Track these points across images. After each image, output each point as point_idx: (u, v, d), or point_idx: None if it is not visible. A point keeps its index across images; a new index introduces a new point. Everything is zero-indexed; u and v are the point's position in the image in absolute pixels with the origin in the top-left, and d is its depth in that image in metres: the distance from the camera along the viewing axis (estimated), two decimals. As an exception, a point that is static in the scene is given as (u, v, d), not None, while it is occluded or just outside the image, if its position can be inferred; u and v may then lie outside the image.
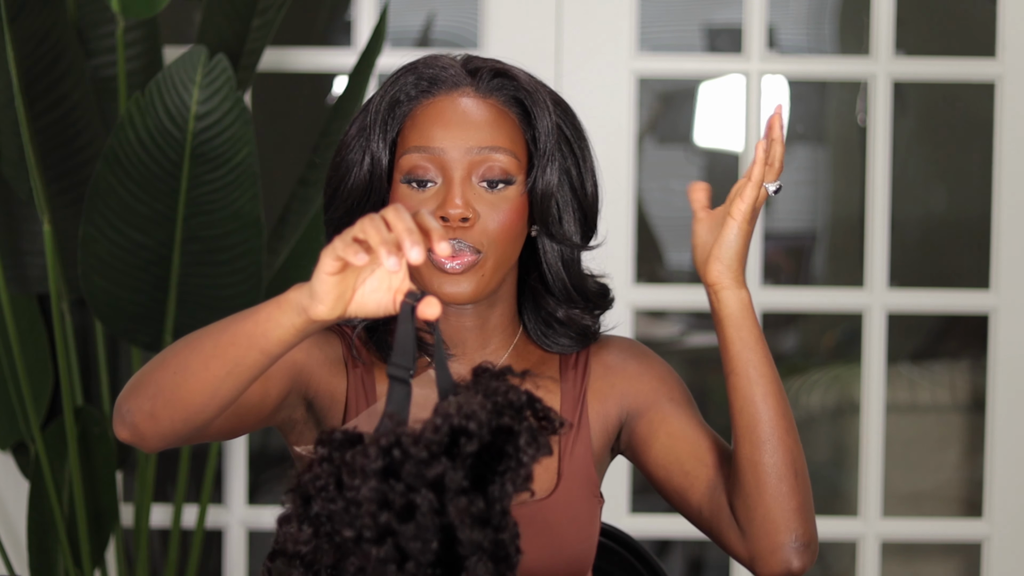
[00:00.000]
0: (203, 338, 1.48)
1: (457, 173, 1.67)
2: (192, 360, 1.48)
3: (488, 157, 1.68)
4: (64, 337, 2.73)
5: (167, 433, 1.51)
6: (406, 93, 1.71)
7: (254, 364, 1.45)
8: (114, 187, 2.54)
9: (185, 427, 1.51)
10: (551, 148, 1.71)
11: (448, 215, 1.65)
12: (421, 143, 1.68)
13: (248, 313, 1.45)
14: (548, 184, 1.71)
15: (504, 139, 1.69)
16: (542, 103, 1.72)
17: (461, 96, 1.70)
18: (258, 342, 1.43)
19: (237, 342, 1.44)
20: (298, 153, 3.79)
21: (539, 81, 1.75)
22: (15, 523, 3.03)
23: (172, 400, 1.49)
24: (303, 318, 1.39)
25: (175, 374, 1.48)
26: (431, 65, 1.72)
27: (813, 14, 5.81)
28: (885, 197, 3.08)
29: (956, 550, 3.70)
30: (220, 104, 2.51)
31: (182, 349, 1.49)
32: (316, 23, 3.67)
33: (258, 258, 2.59)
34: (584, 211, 1.75)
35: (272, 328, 1.41)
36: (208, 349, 1.46)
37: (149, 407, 1.50)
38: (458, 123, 1.69)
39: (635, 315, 3.11)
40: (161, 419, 1.50)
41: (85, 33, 2.77)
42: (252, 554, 3.22)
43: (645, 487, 3.88)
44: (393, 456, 1.26)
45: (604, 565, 2.01)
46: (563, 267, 1.75)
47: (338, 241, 1.34)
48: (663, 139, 6.00)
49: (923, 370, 3.94)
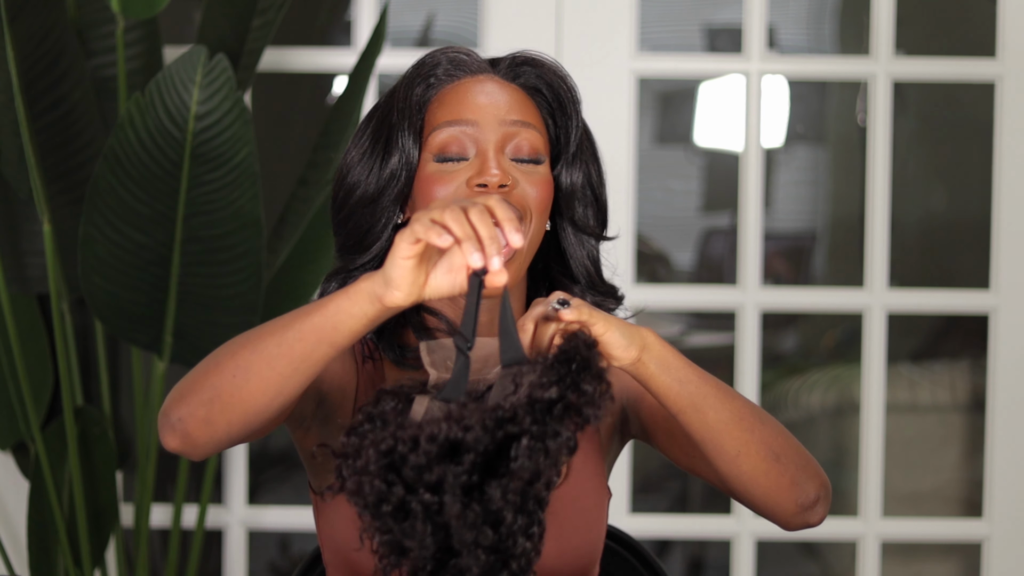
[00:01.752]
0: (264, 337, 1.46)
1: (491, 145, 1.67)
2: (255, 361, 1.46)
3: (520, 131, 1.69)
4: (64, 337, 2.73)
5: (222, 438, 1.50)
6: (434, 76, 1.71)
7: (323, 358, 1.44)
8: (114, 187, 2.54)
9: (242, 430, 1.50)
10: (578, 144, 1.73)
11: (487, 182, 1.65)
12: (452, 118, 1.68)
13: (313, 308, 1.44)
14: (575, 178, 1.73)
15: (533, 118, 1.71)
16: (571, 98, 1.73)
17: (487, 80, 1.71)
18: (328, 335, 1.42)
19: (305, 337, 1.43)
20: (298, 153, 3.79)
21: (565, 73, 1.75)
22: (15, 523, 3.03)
23: (232, 403, 1.47)
24: (377, 307, 1.39)
25: (234, 376, 1.47)
26: (454, 52, 1.73)
27: (813, 14, 5.81)
28: (885, 197, 3.08)
29: (956, 550, 3.70)
30: (220, 104, 2.51)
31: (239, 350, 1.47)
32: (316, 23, 3.67)
33: (258, 258, 2.59)
34: (600, 209, 1.77)
35: (343, 320, 1.41)
36: (272, 348, 1.45)
37: (204, 413, 1.48)
38: (487, 99, 1.69)
39: (635, 315, 3.10)
40: (217, 424, 1.48)
41: (85, 33, 2.77)
42: (252, 554, 3.22)
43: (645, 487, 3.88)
44: (393, 459, 1.29)
45: (604, 565, 2.01)
46: (588, 259, 1.76)
47: (416, 224, 1.35)
48: (663, 139, 6.00)
49: (923, 370, 3.94)
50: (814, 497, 1.64)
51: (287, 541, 4.12)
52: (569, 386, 1.35)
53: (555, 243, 1.77)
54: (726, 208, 5.84)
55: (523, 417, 1.33)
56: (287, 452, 4.15)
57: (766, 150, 4.35)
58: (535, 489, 1.33)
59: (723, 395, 1.58)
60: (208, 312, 2.62)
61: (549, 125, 1.73)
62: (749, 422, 1.60)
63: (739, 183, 3.08)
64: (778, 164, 5.84)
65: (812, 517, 1.65)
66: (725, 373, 3.92)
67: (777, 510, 1.64)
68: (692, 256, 5.84)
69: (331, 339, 1.43)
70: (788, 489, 1.62)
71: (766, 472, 1.61)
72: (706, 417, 1.57)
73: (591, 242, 1.77)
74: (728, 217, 5.83)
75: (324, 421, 1.71)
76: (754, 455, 1.60)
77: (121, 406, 3.05)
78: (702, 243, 5.84)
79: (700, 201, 6.00)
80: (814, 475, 1.64)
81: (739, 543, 3.11)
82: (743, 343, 3.09)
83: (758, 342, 3.09)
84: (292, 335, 1.44)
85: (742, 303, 3.08)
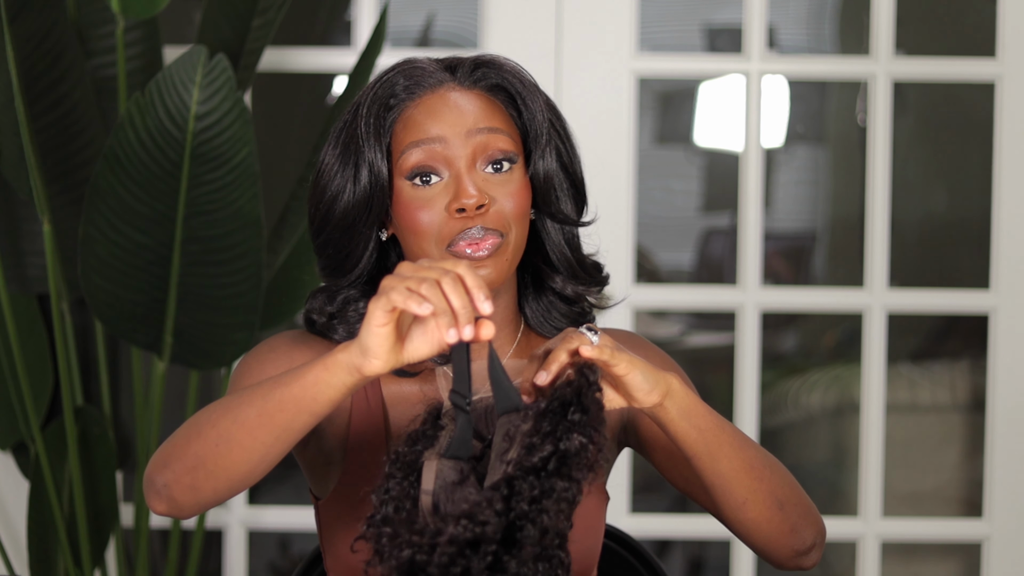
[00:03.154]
0: (243, 407, 1.48)
1: (462, 162, 1.67)
2: (235, 431, 1.48)
3: (488, 138, 1.68)
4: (64, 337, 2.73)
5: (208, 501, 1.52)
6: (393, 96, 1.70)
7: (304, 426, 1.46)
8: (114, 187, 2.54)
9: (228, 493, 1.52)
10: (547, 130, 1.72)
11: (465, 205, 1.64)
12: (418, 137, 1.67)
13: (291, 378, 1.45)
14: (548, 167, 1.72)
15: (499, 121, 1.70)
16: (529, 87, 1.72)
17: (447, 91, 1.70)
18: (308, 406, 1.44)
19: (285, 408, 1.45)
20: (298, 153, 3.79)
21: (519, 66, 1.74)
22: (15, 523, 3.03)
23: (215, 471, 1.49)
24: (356, 377, 1.41)
25: (216, 446, 1.48)
26: (410, 67, 1.71)
27: (813, 14, 5.81)
28: (885, 197, 3.08)
29: (956, 550, 3.70)
30: (220, 104, 2.51)
31: (219, 420, 1.49)
32: (316, 23, 3.67)
33: (258, 258, 2.59)
34: (576, 187, 1.75)
35: (322, 391, 1.43)
36: (252, 419, 1.47)
37: (189, 480, 1.50)
38: (450, 112, 1.68)
39: (635, 315, 3.11)
40: (203, 490, 1.50)
41: (85, 33, 2.77)
42: (252, 554, 3.22)
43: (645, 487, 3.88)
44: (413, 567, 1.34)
45: (604, 565, 2.01)
46: (566, 244, 1.75)
47: (392, 294, 1.36)
48: (663, 139, 6.00)
49: (923, 370, 3.94)
50: (810, 544, 1.67)
51: (287, 541, 4.12)
52: (560, 438, 1.36)
53: (535, 232, 1.77)
54: (726, 208, 5.84)
55: (521, 486, 1.34)
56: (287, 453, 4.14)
57: (766, 150, 4.35)
58: (548, 540, 1.35)
59: (738, 444, 1.60)
60: (208, 312, 2.62)
61: (515, 118, 1.72)
62: (759, 471, 1.62)
63: (739, 183, 3.08)
64: (778, 164, 5.85)
65: (806, 562, 1.68)
66: (725, 373, 3.92)
67: (774, 554, 1.67)
68: (692, 256, 5.84)
69: (311, 409, 1.45)
70: (788, 536, 1.65)
71: (769, 520, 1.64)
72: (719, 465, 1.59)
73: (569, 229, 1.76)
74: (728, 217, 5.83)
75: (321, 434, 1.72)
76: (760, 503, 1.63)
77: (121, 406, 3.05)
78: (702, 243, 5.84)
79: (700, 201, 6.00)
80: (813, 522, 1.68)
81: (739, 543, 3.11)
82: (743, 343, 3.09)
83: (758, 342, 3.09)
84: (272, 406, 1.46)
85: (742, 303, 3.08)
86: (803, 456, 4.32)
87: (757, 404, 3.09)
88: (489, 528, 1.32)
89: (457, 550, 1.32)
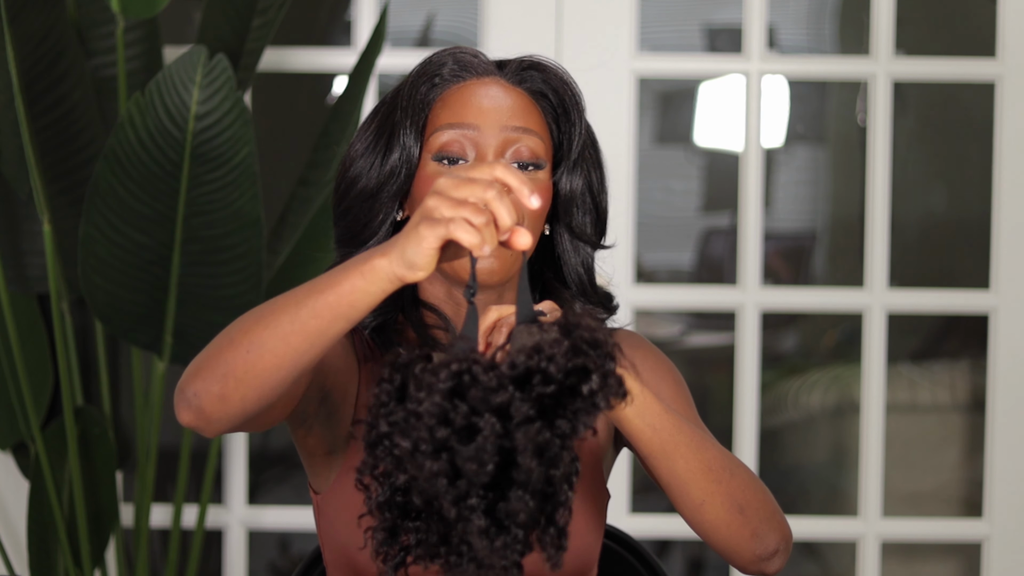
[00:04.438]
0: (277, 313, 1.47)
1: (490, 150, 1.69)
2: (268, 337, 1.46)
3: (521, 137, 1.70)
4: (64, 337, 2.73)
5: (236, 414, 1.50)
6: (439, 75, 1.72)
7: (338, 333, 1.45)
8: (114, 187, 2.54)
9: (256, 405, 1.49)
10: (582, 151, 1.73)
11: None
12: (454, 120, 1.69)
13: (325, 285, 1.44)
14: (574, 184, 1.74)
15: (535, 124, 1.72)
16: (572, 105, 1.74)
17: (491, 83, 1.72)
18: (344, 312, 1.43)
19: (320, 315, 1.44)
20: (298, 153, 3.79)
21: (571, 79, 1.75)
22: (15, 523, 3.03)
23: (246, 379, 1.47)
24: (396, 285, 1.41)
25: (248, 352, 1.47)
26: (461, 53, 1.74)
27: (813, 14, 5.81)
28: (885, 197, 3.08)
29: (956, 550, 3.70)
30: (220, 104, 2.51)
31: (252, 327, 1.48)
32: (316, 23, 3.67)
33: (258, 258, 2.59)
34: (598, 213, 1.78)
35: (360, 298, 1.42)
36: (285, 325, 1.45)
37: (219, 389, 1.48)
38: (491, 103, 1.70)
39: (635, 315, 3.11)
40: (232, 400, 1.49)
41: (85, 33, 2.77)
42: (252, 554, 3.22)
43: (645, 487, 3.88)
44: (462, 380, 1.29)
45: (604, 565, 2.01)
46: (584, 270, 1.77)
47: (451, 226, 1.35)
48: (663, 139, 6.00)
49: (923, 370, 3.94)
50: (773, 549, 1.67)
51: (287, 541, 4.12)
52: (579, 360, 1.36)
53: (551, 247, 1.77)
54: (726, 208, 5.84)
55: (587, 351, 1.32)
56: (287, 452, 4.15)
57: (766, 150, 4.35)
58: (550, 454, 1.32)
59: (696, 445, 1.60)
60: (208, 312, 2.62)
61: (552, 130, 1.74)
62: (718, 474, 1.62)
63: (739, 183, 3.08)
64: (778, 164, 5.84)
65: (768, 568, 1.68)
66: (725, 373, 3.92)
67: (734, 557, 1.67)
68: (692, 256, 5.84)
69: (347, 315, 1.44)
70: (748, 540, 1.65)
71: (728, 523, 1.64)
72: (674, 465, 1.59)
73: (586, 249, 1.77)
74: (728, 217, 5.83)
75: (326, 420, 1.71)
76: (718, 506, 1.62)
77: (121, 406, 3.05)
78: (702, 243, 5.84)
79: (700, 201, 6.00)
80: (777, 528, 1.68)
81: (739, 543, 3.11)
82: (743, 343, 3.09)
83: (758, 342, 3.09)
84: (306, 312, 1.45)
85: (742, 303, 3.08)
86: (803, 456, 4.32)
87: (757, 404, 3.09)
88: (552, 367, 1.29)
89: (510, 377, 1.28)
